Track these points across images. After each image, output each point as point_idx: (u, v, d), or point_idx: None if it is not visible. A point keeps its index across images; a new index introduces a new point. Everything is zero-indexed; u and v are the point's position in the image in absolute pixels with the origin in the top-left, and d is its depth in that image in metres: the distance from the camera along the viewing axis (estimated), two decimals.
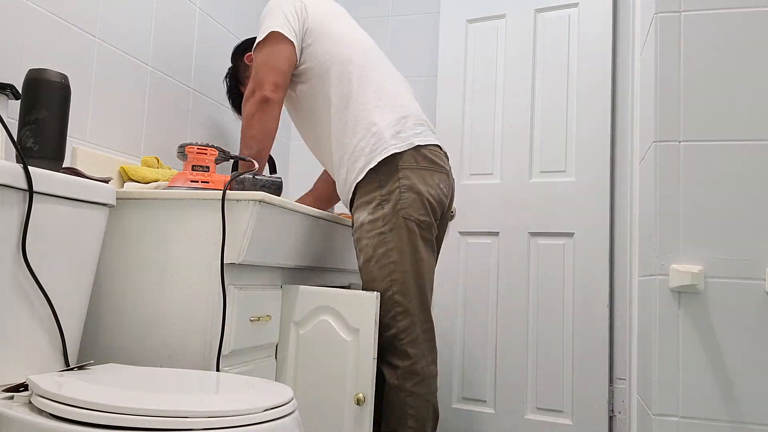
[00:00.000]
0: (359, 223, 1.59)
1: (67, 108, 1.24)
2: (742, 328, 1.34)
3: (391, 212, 1.55)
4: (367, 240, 1.57)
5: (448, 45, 2.51)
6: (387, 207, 1.56)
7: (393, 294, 1.55)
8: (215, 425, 0.90)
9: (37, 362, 1.14)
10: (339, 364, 1.50)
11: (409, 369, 1.54)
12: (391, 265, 1.55)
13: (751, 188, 1.36)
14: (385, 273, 1.55)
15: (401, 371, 1.54)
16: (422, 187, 1.58)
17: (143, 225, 1.39)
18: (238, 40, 2.35)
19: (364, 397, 1.46)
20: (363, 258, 1.59)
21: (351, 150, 1.60)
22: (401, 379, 1.54)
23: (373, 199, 1.57)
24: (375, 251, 1.56)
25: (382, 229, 1.55)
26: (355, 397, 1.47)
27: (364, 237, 1.58)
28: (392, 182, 1.56)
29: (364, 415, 1.46)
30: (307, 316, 1.56)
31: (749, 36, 1.38)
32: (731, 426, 1.33)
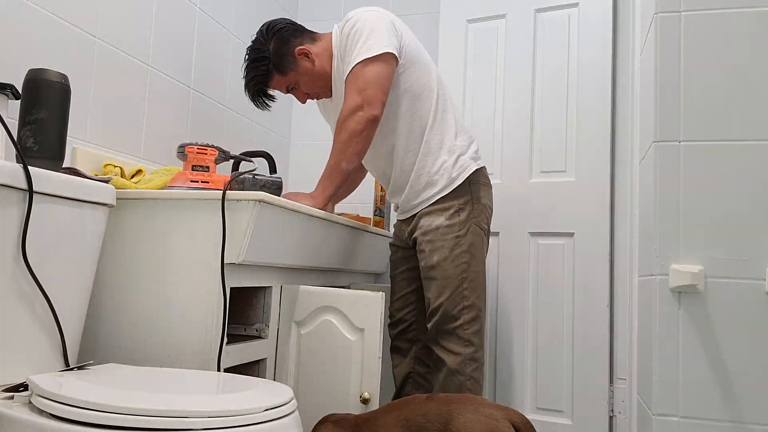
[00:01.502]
0: (434, 226, 1.76)
1: (67, 108, 1.24)
2: (742, 328, 1.34)
3: (466, 219, 1.75)
4: (443, 242, 1.74)
5: (448, 45, 2.50)
6: (463, 215, 1.75)
7: (463, 290, 1.72)
8: (215, 425, 0.90)
9: (37, 362, 1.14)
10: (343, 364, 1.50)
11: (471, 356, 1.72)
12: (464, 264, 1.73)
13: (750, 188, 1.36)
14: (458, 271, 1.72)
15: (463, 357, 1.71)
16: (486, 201, 1.82)
17: (143, 225, 1.39)
18: (239, 40, 2.35)
19: (369, 396, 1.47)
20: (438, 257, 1.74)
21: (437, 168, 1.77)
22: (462, 365, 1.71)
23: (451, 207, 1.75)
24: (451, 252, 1.73)
25: (458, 233, 1.74)
26: (361, 395, 1.47)
27: (440, 239, 1.74)
28: (467, 195, 1.77)
29: None
30: (309, 316, 1.56)
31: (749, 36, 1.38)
32: (731, 426, 1.33)
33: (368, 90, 1.65)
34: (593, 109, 2.26)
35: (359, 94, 1.65)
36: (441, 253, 1.73)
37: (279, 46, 1.81)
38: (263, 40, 1.82)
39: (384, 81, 1.68)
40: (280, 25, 1.84)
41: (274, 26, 1.84)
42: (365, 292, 1.54)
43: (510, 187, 2.35)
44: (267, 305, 1.56)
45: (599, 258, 2.20)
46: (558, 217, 2.27)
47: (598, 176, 2.23)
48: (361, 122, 1.64)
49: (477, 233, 1.77)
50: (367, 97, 1.65)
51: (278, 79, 1.83)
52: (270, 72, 1.82)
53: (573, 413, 2.18)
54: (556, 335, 2.23)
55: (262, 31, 1.84)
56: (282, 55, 1.80)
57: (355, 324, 1.52)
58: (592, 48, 2.28)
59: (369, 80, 1.65)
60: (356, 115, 1.65)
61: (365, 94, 1.65)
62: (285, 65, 1.81)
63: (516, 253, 2.32)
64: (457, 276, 1.72)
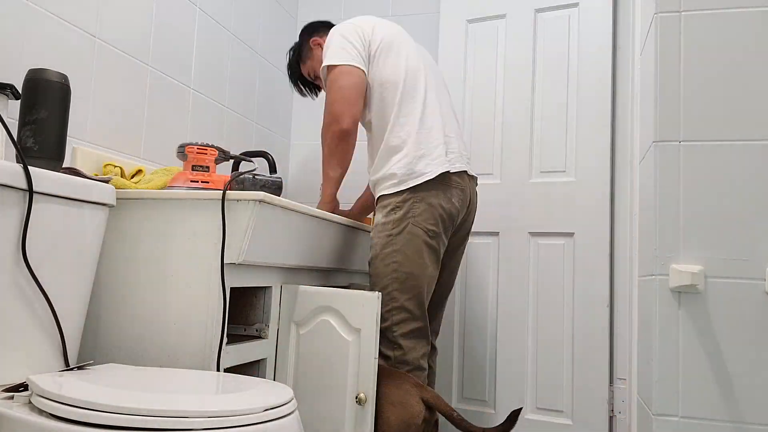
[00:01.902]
0: (374, 223, 1.78)
1: (67, 108, 1.24)
2: (742, 328, 1.34)
3: (401, 218, 1.71)
4: (377, 239, 1.74)
5: (448, 45, 2.50)
6: (399, 213, 1.72)
7: (392, 290, 1.70)
8: (215, 425, 0.90)
9: (37, 362, 1.14)
10: (340, 364, 1.50)
11: (401, 359, 1.68)
12: (394, 264, 1.70)
13: (751, 188, 1.36)
14: (388, 270, 1.70)
15: (392, 361, 1.68)
16: (438, 201, 1.73)
17: (143, 225, 1.39)
18: (239, 40, 2.35)
19: (365, 397, 1.46)
20: (371, 255, 1.75)
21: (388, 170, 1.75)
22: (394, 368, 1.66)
23: (388, 205, 1.74)
24: (382, 250, 1.72)
25: (391, 231, 1.72)
26: (357, 396, 1.47)
27: (376, 236, 1.75)
28: (407, 193, 1.72)
29: (366, 415, 1.46)
30: (308, 316, 1.56)
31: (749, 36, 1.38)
32: (731, 426, 1.33)
33: (334, 105, 1.76)
34: (593, 109, 2.26)
35: (328, 109, 1.78)
36: (374, 250, 1.74)
37: (302, 39, 2.12)
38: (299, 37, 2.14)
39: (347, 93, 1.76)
40: (315, 22, 2.15)
41: (310, 23, 2.16)
42: (361, 292, 1.54)
43: (510, 187, 2.36)
44: (267, 305, 1.56)
45: (599, 258, 2.20)
46: (558, 217, 2.27)
47: (598, 176, 2.23)
48: (333, 137, 1.76)
49: (415, 233, 1.70)
50: (335, 112, 1.76)
51: (302, 66, 2.13)
52: (297, 62, 2.14)
53: (573, 413, 2.18)
54: (556, 335, 2.23)
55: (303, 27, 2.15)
56: (302, 46, 2.11)
57: (351, 324, 1.52)
58: (592, 48, 2.28)
59: (334, 97, 1.77)
60: (329, 131, 1.77)
61: (333, 109, 1.76)
62: (303, 54, 2.11)
63: (516, 253, 2.32)
64: (387, 275, 1.70)
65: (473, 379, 2.34)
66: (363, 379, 1.48)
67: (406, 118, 1.76)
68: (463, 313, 2.39)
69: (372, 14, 2.54)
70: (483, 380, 2.33)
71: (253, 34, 2.45)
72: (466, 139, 2.44)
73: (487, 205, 2.35)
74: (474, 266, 2.38)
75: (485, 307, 2.36)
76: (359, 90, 1.77)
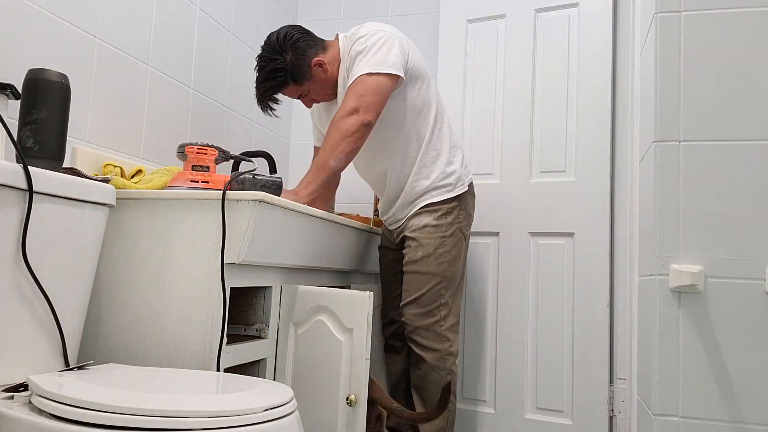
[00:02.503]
0: (421, 225, 1.85)
1: (67, 108, 1.24)
2: (742, 328, 1.34)
3: (452, 222, 1.86)
4: (429, 239, 1.83)
5: (448, 45, 2.50)
6: (450, 217, 1.86)
7: (441, 288, 1.82)
8: (215, 425, 0.90)
9: (37, 362, 1.14)
10: (333, 365, 1.50)
11: (448, 350, 1.82)
12: (446, 264, 1.83)
13: (751, 188, 1.36)
14: (440, 269, 1.82)
15: (441, 353, 1.80)
16: (471, 210, 1.95)
17: (143, 225, 1.39)
18: (239, 40, 2.35)
19: (355, 398, 1.45)
20: (422, 253, 1.83)
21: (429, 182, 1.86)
22: (442, 361, 1.80)
23: (439, 210, 1.85)
24: (435, 250, 1.83)
25: (444, 233, 1.84)
26: (347, 398, 1.46)
27: (426, 236, 1.84)
28: (455, 201, 1.88)
29: (357, 416, 1.45)
30: (305, 316, 1.56)
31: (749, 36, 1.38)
32: (731, 426, 1.33)
33: (367, 96, 1.71)
34: (593, 109, 2.26)
35: (358, 99, 1.71)
36: (426, 249, 1.82)
37: (296, 57, 1.83)
38: (279, 50, 1.83)
39: (383, 92, 1.74)
40: (296, 35, 1.86)
41: (290, 36, 1.85)
42: (354, 292, 1.54)
43: (510, 187, 2.35)
44: (267, 305, 1.56)
45: (599, 258, 2.20)
46: (558, 217, 2.27)
47: (598, 176, 2.23)
48: (355, 124, 1.69)
49: (460, 238, 1.88)
50: (364, 103, 1.70)
51: (293, 88, 1.87)
52: (286, 83, 1.85)
53: (573, 413, 2.18)
54: (556, 335, 2.23)
55: (278, 39, 1.84)
56: (300, 66, 1.83)
57: (344, 324, 1.51)
58: (592, 48, 2.28)
59: (369, 88, 1.72)
60: (351, 117, 1.69)
61: (363, 100, 1.71)
62: (302, 76, 1.84)
63: (516, 253, 2.32)
64: (438, 273, 1.82)
65: (473, 379, 2.34)
66: (354, 380, 1.47)
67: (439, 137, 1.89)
68: (463, 313, 2.38)
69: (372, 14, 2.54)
70: (483, 380, 2.33)
71: (253, 34, 2.45)
72: (466, 139, 2.44)
73: (487, 205, 2.35)
74: (474, 266, 2.38)
75: (485, 307, 2.35)
76: (390, 94, 1.77)
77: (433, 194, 1.86)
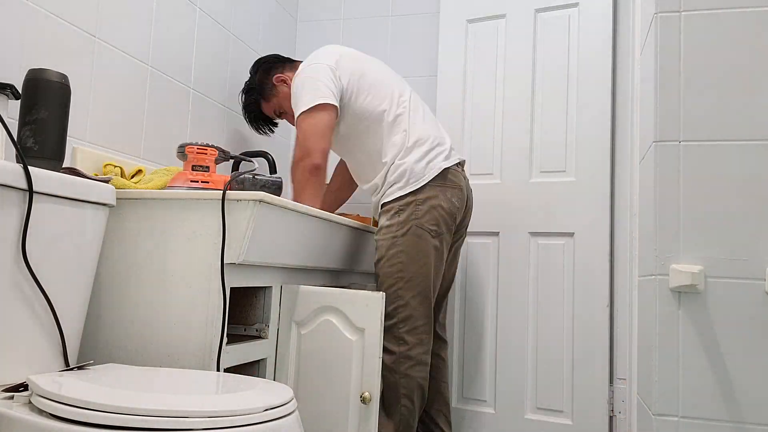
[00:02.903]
0: (379, 226, 1.86)
1: (67, 108, 1.24)
2: (742, 328, 1.34)
3: (405, 220, 1.80)
4: (382, 241, 1.83)
5: (448, 45, 2.50)
6: (402, 216, 1.81)
7: (397, 289, 1.78)
8: (215, 425, 0.90)
9: (37, 362, 1.14)
10: (343, 364, 1.51)
11: (405, 354, 1.77)
12: (399, 264, 1.79)
13: (751, 188, 1.36)
14: (393, 270, 1.79)
15: (396, 356, 1.76)
16: (438, 202, 1.83)
17: (143, 225, 1.39)
18: (239, 40, 2.35)
19: (370, 396, 1.47)
20: (377, 256, 1.83)
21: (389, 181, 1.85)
22: (397, 363, 1.76)
23: (392, 209, 1.83)
24: (387, 252, 1.81)
25: (396, 233, 1.81)
26: (361, 395, 1.47)
27: (381, 238, 1.83)
28: (409, 196, 1.82)
29: (370, 413, 1.47)
30: (309, 316, 1.56)
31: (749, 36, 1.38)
32: (731, 426, 1.33)
33: (306, 142, 1.78)
34: (593, 109, 2.26)
35: (300, 146, 1.80)
36: (380, 251, 1.83)
37: (261, 76, 2.07)
38: (252, 73, 2.10)
39: (320, 129, 1.79)
40: (266, 58, 2.11)
41: (260, 60, 2.11)
42: (365, 292, 1.55)
43: (510, 187, 2.35)
44: (267, 305, 1.56)
45: (599, 258, 2.20)
46: (558, 217, 2.27)
47: (598, 176, 2.23)
48: (304, 172, 1.78)
49: (419, 234, 1.80)
50: (307, 149, 1.78)
51: (265, 105, 2.09)
52: (258, 101, 2.09)
53: (573, 413, 2.18)
54: (556, 335, 2.23)
55: (253, 66, 2.12)
56: (264, 84, 2.06)
57: (355, 324, 1.52)
58: (592, 48, 2.28)
59: (306, 132, 1.79)
60: (299, 167, 1.79)
61: (304, 146, 1.79)
62: (266, 92, 2.06)
63: (516, 253, 2.32)
64: (392, 275, 1.79)
65: (473, 379, 2.34)
66: (367, 378, 1.48)
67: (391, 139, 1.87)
68: (463, 313, 2.38)
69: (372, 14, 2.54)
70: (483, 380, 2.33)
71: (253, 34, 2.45)
72: (466, 139, 2.44)
73: (487, 205, 2.35)
74: (474, 266, 2.38)
75: (485, 307, 2.35)
76: (331, 126, 1.81)
77: (386, 193, 1.86)
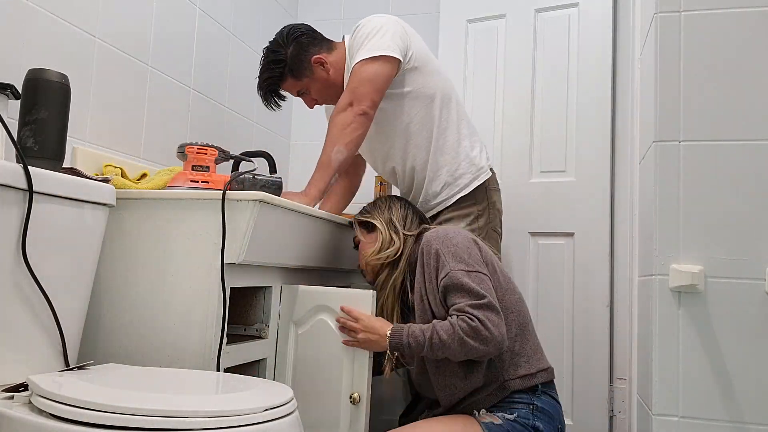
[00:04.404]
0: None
1: (67, 108, 1.24)
2: (742, 328, 1.34)
3: (484, 225, 1.84)
4: None
5: (448, 45, 2.50)
6: (482, 221, 1.84)
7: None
8: (215, 425, 0.90)
9: (37, 362, 1.14)
10: (335, 364, 1.50)
11: None
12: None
13: (751, 188, 1.36)
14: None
15: None
16: (499, 206, 1.92)
17: (143, 225, 1.39)
18: (239, 40, 2.34)
19: (359, 397, 1.46)
20: None
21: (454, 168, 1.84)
22: None
23: (471, 214, 1.83)
24: None
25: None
26: (351, 396, 1.47)
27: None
28: (484, 201, 1.86)
29: (360, 414, 1.46)
30: (306, 316, 1.56)
31: (749, 36, 1.38)
32: (731, 426, 1.33)
33: (360, 88, 1.71)
34: (593, 109, 2.26)
35: (351, 92, 1.72)
36: None
37: (297, 51, 1.85)
38: (282, 43, 1.86)
39: (378, 80, 1.72)
40: (300, 31, 1.89)
41: (295, 32, 1.88)
42: (356, 291, 1.54)
43: (510, 187, 2.35)
44: (267, 305, 1.56)
45: (599, 258, 2.20)
46: (558, 217, 2.27)
47: (598, 176, 2.23)
48: (348, 116, 1.69)
49: (493, 238, 1.87)
50: (357, 95, 1.70)
51: (291, 82, 1.88)
52: (284, 75, 1.86)
53: (573, 413, 2.18)
54: (556, 335, 2.23)
55: (282, 33, 1.88)
56: (299, 61, 1.85)
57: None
58: (592, 48, 2.28)
59: (362, 79, 1.71)
60: (345, 111, 1.71)
61: (356, 92, 1.71)
62: (300, 71, 1.86)
63: (516, 253, 2.32)
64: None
65: None
66: (357, 378, 1.48)
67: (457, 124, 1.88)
68: None
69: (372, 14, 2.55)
70: None
71: (253, 34, 2.45)
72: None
73: None
74: None
75: None
76: (388, 80, 1.74)
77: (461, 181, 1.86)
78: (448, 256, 1.46)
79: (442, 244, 1.49)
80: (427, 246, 1.51)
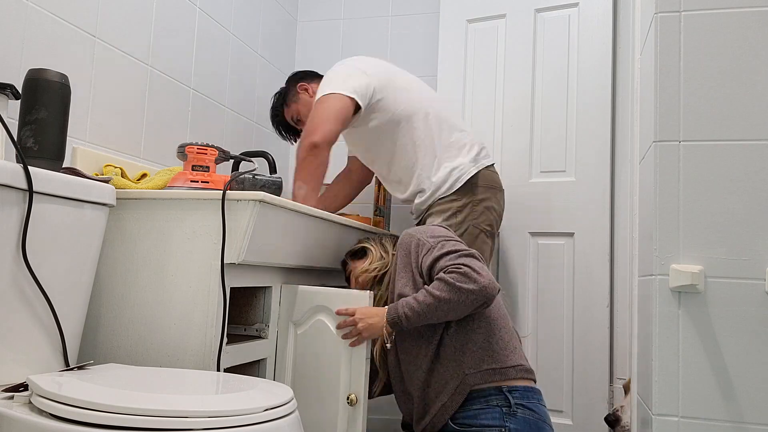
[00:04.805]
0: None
1: (67, 108, 1.24)
2: (742, 328, 1.34)
3: (462, 221, 1.88)
4: None
5: (448, 45, 2.50)
6: (460, 216, 1.89)
7: None
8: (215, 425, 0.90)
9: (37, 362, 1.14)
10: (333, 364, 1.50)
11: None
12: None
13: (751, 188, 1.36)
14: None
15: None
16: (491, 204, 1.96)
17: (143, 225, 1.39)
18: (239, 40, 2.35)
19: (356, 398, 1.46)
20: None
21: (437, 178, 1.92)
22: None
23: (449, 209, 1.90)
24: None
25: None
26: (348, 397, 1.46)
27: None
28: (466, 197, 1.91)
29: (357, 415, 1.46)
30: (305, 316, 1.56)
31: (749, 36, 1.38)
32: (731, 426, 1.33)
33: (311, 122, 1.83)
34: (593, 109, 2.26)
35: (305, 128, 1.85)
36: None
37: (289, 83, 2.15)
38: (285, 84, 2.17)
39: (326, 113, 1.82)
40: (301, 71, 2.19)
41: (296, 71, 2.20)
42: (353, 291, 1.54)
43: (510, 187, 2.34)
44: (267, 305, 1.56)
45: (599, 258, 2.20)
46: (558, 217, 2.27)
47: (598, 176, 2.23)
48: (301, 152, 1.81)
49: (475, 234, 1.89)
50: (308, 129, 1.82)
51: (286, 111, 2.15)
52: (282, 106, 2.15)
53: (573, 413, 2.18)
54: (556, 335, 2.23)
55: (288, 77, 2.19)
56: (288, 90, 2.14)
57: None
58: (592, 48, 2.28)
59: (314, 114, 1.84)
60: (300, 146, 1.84)
61: (308, 126, 1.83)
62: (289, 98, 2.13)
63: (516, 253, 2.32)
64: None
65: None
66: (354, 379, 1.48)
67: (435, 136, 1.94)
68: None
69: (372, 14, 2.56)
70: None
71: (253, 34, 2.45)
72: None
73: None
74: None
75: None
76: (340, 115, 1.83)
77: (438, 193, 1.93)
78: (425, 236, 1.56)
79: (417, 232, 1.59)
80: (405, 239, 1.60)
